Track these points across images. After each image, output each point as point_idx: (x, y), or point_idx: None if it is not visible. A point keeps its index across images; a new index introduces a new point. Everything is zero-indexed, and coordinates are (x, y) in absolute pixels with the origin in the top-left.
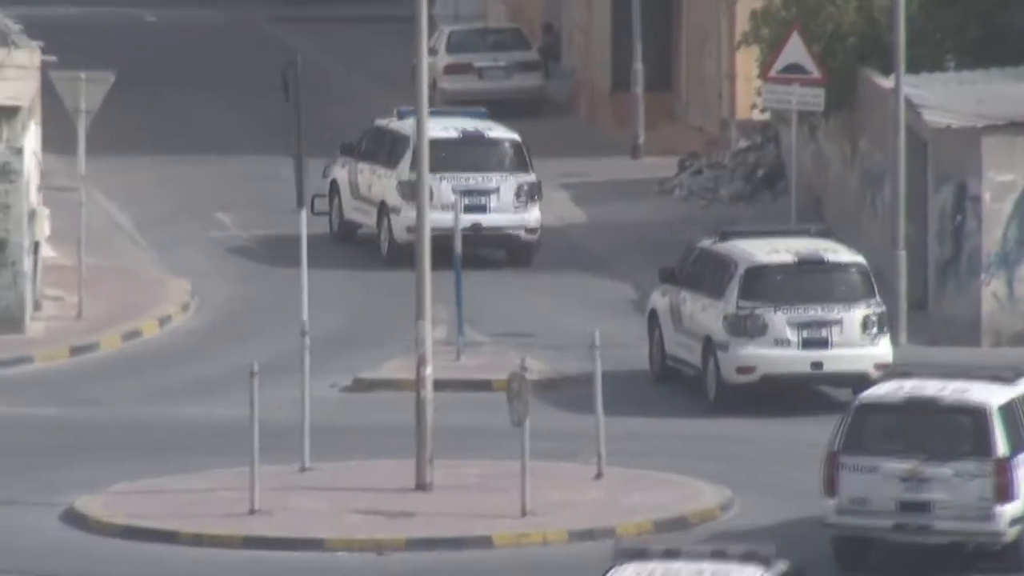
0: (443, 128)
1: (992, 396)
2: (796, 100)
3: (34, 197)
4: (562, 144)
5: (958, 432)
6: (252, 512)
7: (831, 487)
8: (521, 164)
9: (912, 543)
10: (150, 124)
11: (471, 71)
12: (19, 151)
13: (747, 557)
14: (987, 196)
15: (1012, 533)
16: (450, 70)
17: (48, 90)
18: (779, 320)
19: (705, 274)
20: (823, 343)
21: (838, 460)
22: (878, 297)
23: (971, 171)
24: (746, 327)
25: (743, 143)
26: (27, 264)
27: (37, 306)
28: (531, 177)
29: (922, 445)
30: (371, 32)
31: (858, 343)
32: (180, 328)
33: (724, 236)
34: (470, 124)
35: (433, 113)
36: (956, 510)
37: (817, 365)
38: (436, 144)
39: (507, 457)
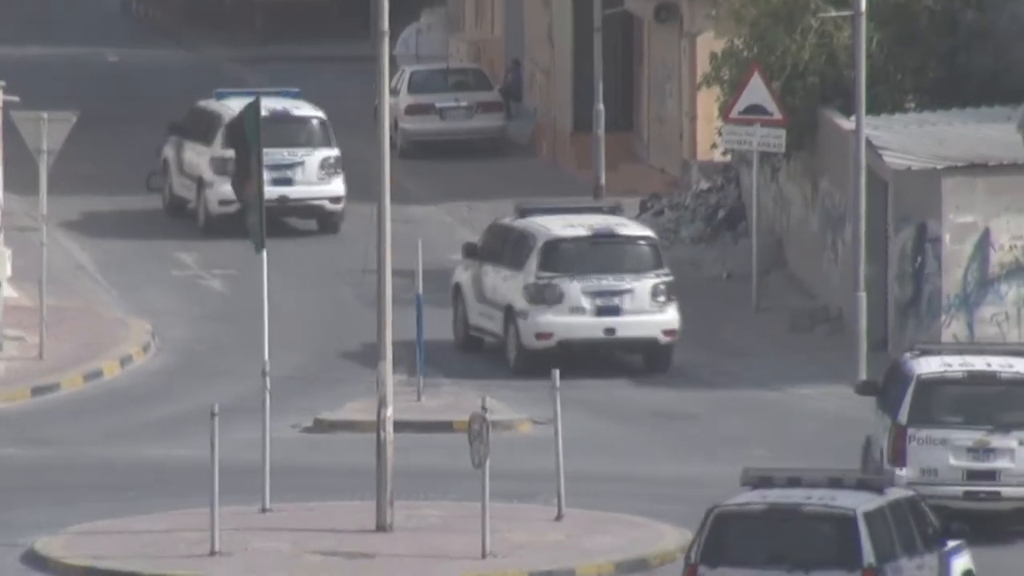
0: None
1: None
2: (757, 141)
3: None
4: (524, 185)
5: (1020, 402)
6: (213, 553)
7: (900, 459)
8: (326, 140)
9: (982, 510)
10: (112, 164)
11: (432, 111)
12: None
13: (862, 485)
14: (947, 237)
15: None
16: (412, 110)
17: (10, 130)
18: (575, 289)
19: (506, 248)
20: (615, 310)
21: (906, 433)
22: (666, 268)
23: (931, 212)
24: (544, 296)
25: (704, 184)
26: None
27: None
28: (335, 151)
29: (986, 416)
30: (333, 72)
31: (648, 310)
32: (141, 368)
33: (523, 213)
34: (278, 103)
35: (243, 94)
36: (1022, 478)
37: (610, 331)
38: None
39: (468, 498)
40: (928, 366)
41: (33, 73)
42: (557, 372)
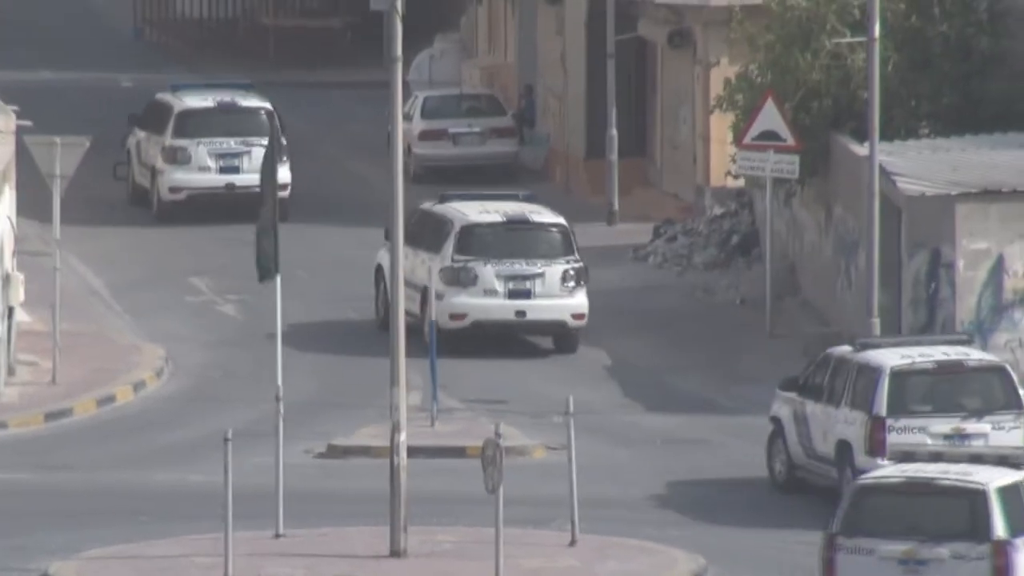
0: (202, 99)
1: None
2: (770, 167)
3: (8, 262)
4: None
5: (988, 386)
6: None
7: (879, 450)
8: (272, 130)
9: None
10: (125, 189)
11: (445, 137)
12: None
13: (1002, 461)
14: (961, 264)
15: None
16: (425, 136)
17: (23, 155)
18: (488, 272)
19: (425, 232)
20: (526, 294)
21: (885, 424)
22: (577, 255)
23: (945, 238)
24: (459, 278)
25: (718, 210)
26: (1, 329)
27: (11, 372)
28: (281, 140)
29: (958, 403)
30: (347, 97)
31: (557, 294)
32: (154, 394)
33: (443, 199)
34: (226, 95)
35: (199, 87)
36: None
37: (521, 313)
38: (194, 113)
39: (482, 524)
40: (893, 358)
41: (46, 98)
42: (571, 399)
